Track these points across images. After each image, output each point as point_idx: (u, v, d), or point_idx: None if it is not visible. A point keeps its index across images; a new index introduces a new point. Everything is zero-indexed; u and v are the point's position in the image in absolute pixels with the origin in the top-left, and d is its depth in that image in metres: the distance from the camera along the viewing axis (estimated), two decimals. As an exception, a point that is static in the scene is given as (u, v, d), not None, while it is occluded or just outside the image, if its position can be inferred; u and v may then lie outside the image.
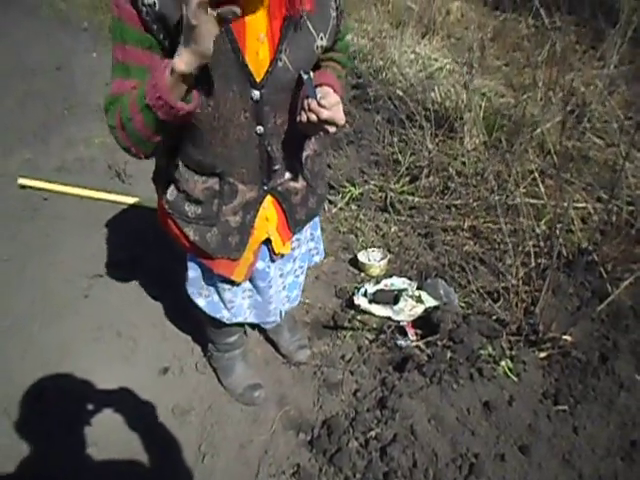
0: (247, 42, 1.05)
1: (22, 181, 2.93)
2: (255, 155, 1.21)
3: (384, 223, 2.60)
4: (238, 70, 1.06)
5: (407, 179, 2.87)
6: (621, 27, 3.66)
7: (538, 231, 2.38)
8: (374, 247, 2.41)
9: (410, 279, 2.25)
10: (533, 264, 2.16)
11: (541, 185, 2.55)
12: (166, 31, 1.00)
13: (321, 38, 1.15)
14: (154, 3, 0.96)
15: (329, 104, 1.07)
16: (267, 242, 1.40)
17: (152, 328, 2.06)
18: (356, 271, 2.33)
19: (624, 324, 2.03)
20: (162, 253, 2.27)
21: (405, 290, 2.09)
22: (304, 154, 1.35)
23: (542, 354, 1.88)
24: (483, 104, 3.31)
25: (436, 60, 4.45)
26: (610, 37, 3.80)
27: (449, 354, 1.82)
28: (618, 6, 3.95)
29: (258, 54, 1.07)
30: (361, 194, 2.77)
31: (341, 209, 2.69)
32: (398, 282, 2.20)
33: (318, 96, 1.09)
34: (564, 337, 1.87)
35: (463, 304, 2.13)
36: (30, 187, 2.90)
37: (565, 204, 2.51)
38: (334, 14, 1.17)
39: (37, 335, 2.03)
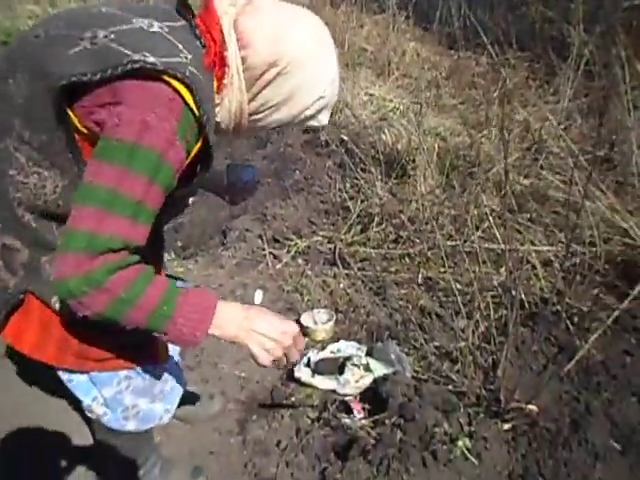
0: None
1: None
2: None
3: (332, 278, 2.38)
4: None
5: (358, 228, 2.68)
6: (573, 60, 3.61)
7: (497, 280, 2.20)
8: (320, 307, 2.19)
9: (360, 342, 2.02)
10: (492, 318, 1.96)
11: (498, 229, 2.38)
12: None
13: None
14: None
15: None
16: None
17: None
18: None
19: (595, 382, 1.83)
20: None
21: (351, 358, 1.86)
22: None
23: (506, 426, 1.65)
24: (437, 144, 3.18)
25: (391, 101, 4.34)
26: (563, 71, 3.75)
27: (399, 435, 1.58)
28: (569, 40, 3.90)
29: None
30: (308, 247, 2.56)
31: (286, 264, 2.47)
32: (346, 347, 1.97)
33: None
34: (529, 407, 1.65)
35: (418, 369, 1.91)
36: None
37: (524, 248, 2.35)
38: None
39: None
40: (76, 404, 1.56)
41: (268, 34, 0.93)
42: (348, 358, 1.88)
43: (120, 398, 1.15)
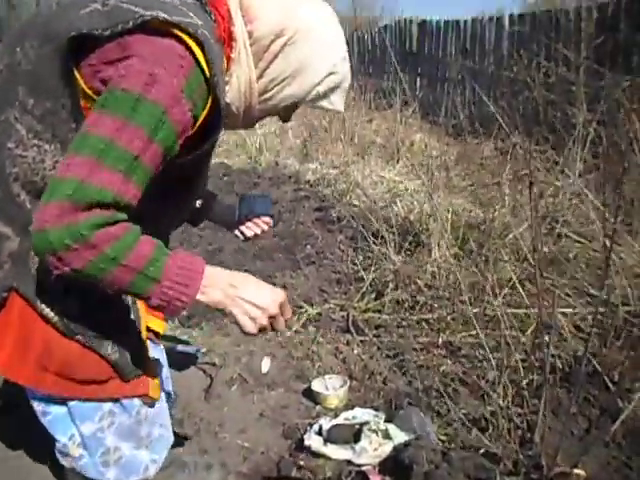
0: None
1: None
2: None
3: (345, 345, 2.22)
4: None
5: (372, 296, 2.55)
6: (579, 133, 3.65)
7: (524, 341, 2.03)
8: (332, 373, 2.01)
9: (377, 410, 1.82)
10: (523, 380, 1.79)
11: (522, 292, 2.24)
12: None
13: None
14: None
15: None
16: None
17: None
18: (311, 403, 1.90)
19: (646, 446, 1.60)
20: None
21: (368, 423, 1.67)
22: None
23: (550, 497, 1.42)
24: (450, 216, 3.12)
25: (401, 182, 4.38)
26: (569, 148, 3.77)
27: (427, 507, 1.36)
28: (574, 121, 3.97)
29: None
30: (319, 314, 2.42)
31: (296, 332, 2.32)
32: (362, 414, 1.78)
33: None
34: (576, 471, 1.43)
35: (443, 437, 1.70)
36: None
37: (550, 310, 2.19)
38: None
39: None
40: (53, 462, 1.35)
41: (274, 7, 0.94)
42: (365, 424, 1.68)
43: (101, 437, 0.99)
